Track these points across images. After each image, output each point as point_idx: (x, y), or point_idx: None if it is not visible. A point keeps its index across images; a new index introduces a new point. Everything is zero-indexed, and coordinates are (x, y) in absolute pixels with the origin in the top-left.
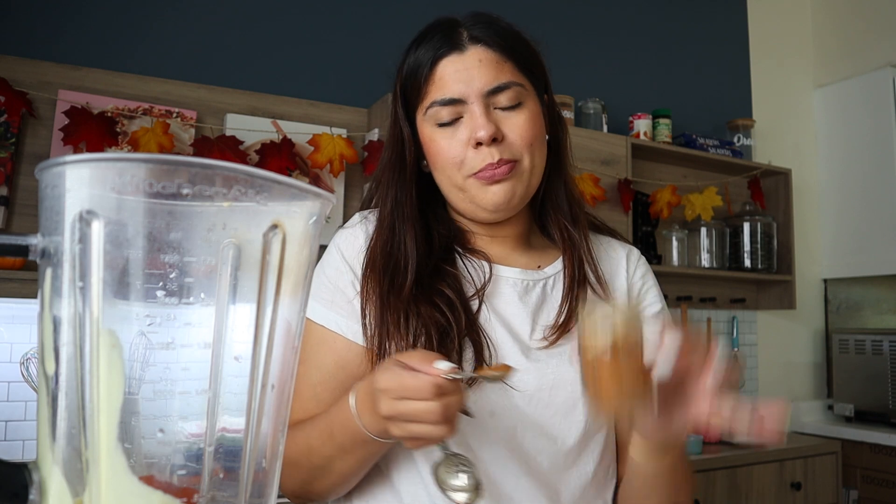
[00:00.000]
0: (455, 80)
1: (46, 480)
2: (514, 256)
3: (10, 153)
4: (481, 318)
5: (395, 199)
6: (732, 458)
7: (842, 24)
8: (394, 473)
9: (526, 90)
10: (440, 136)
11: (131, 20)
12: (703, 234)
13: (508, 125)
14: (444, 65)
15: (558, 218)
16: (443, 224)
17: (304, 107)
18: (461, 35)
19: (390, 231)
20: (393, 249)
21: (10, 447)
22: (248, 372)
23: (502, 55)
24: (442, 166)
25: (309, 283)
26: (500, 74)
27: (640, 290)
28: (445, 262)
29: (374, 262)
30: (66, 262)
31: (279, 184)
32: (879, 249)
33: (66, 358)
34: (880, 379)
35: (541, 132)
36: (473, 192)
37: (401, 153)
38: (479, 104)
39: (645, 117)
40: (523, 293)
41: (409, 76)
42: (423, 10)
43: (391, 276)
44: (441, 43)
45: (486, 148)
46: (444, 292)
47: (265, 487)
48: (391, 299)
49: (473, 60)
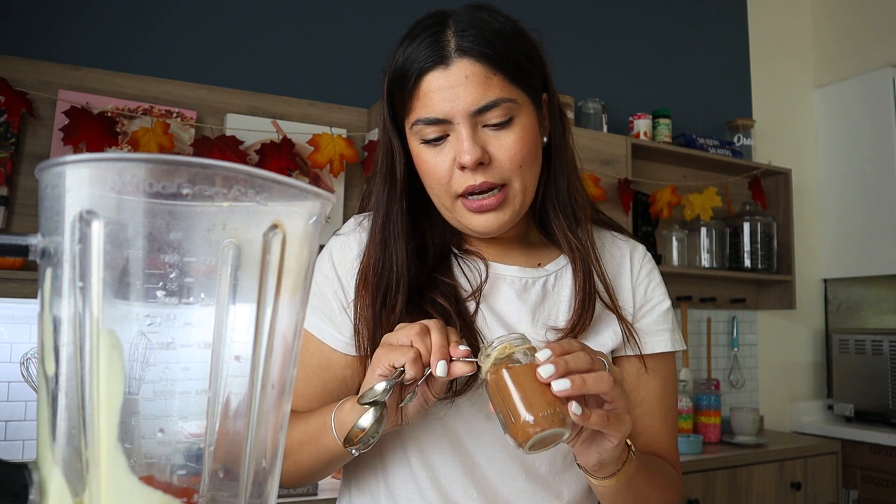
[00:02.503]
0: (440, 98)
1: (46, 480)
2: (512, 255)
3: (10, 153)
4: (478, 320)
5: (386, 215)
6: (732, 458)
7: (842, 24)
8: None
9: (517, 104)
10: (426, 154)
11: (131, 20)
12: (703, 234)
13: (496, 145)
14: (428, 80)
15: (560, 221)
16: (437, 229)
17: (304, 107)
18: (448, 44)
19: (382, 248)
20: (384, 270)
21: (10, 447)
22: (248, 372)
23: (491, 68)
24: (430, 184)
25: (309, 283)
26: (487, 91)
27: (646, 288)
28: (440, 270)
29: (367, 280)
30: (66, 262)
31: (279, 184)
32: (879, 249)
33: (66, 358)
34: (880, 379)
35: (533, 148)
36: (460, 215)
37: (391, 166)
38: (466, 125)
39: (645, 117)
40: (522, 290)
41: (394, 82)
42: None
43: (383, 295)
44: (427, 53)
45: (471, 172)
46: (437, 301)
47: (265, 487)
48: (382, 318)
49: (459, 77)
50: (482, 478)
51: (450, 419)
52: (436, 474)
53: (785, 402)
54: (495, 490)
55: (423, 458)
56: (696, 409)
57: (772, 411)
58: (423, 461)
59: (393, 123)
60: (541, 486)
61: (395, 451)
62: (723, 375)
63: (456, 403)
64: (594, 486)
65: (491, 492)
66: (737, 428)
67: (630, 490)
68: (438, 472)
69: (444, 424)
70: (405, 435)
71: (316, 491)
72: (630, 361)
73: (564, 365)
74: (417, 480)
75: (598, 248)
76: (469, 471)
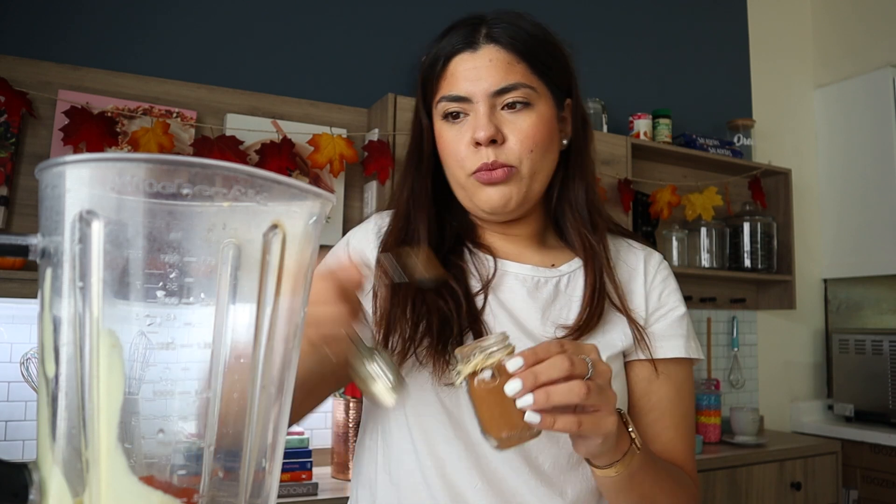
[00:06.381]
0: (464, 77)
1: (46, 480)
2: (527, 254)
3: (10, 153)
4: (486, 311)
5: (412, 189)
6: (732, 458)
7: (842, 24)
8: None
9: (536, 93)
10: (446, 131)
11: (131, 20)
12: (703, 234)
13: (511, 128)
14: (456, 62)
15: (578, 225)
16: (456, 217)
17: (304, 107)
18: (479, 33)
19: (405, 219)
20: (407, 237)
21: (10, 447)
22: (248, 372)
23: (515, 56)
24: (447, 162)
25: (309, 284)
26: (508, 75)
27: (660, 293)
28: (454, 254)
29: (388, 247)
30: (66, 262)
31: (279, 184)
32: (879, 249)
33: (67, 358)
34: (880, 379)
35: (546, 137)
36: (472, 190)
37: (419, 143)
38: (485, 104)
39: (645, 117)
40: (533, 289)
41: (427, 68)
42: (424, 10)
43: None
44: (458, 40)
45: (484, 148)
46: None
47: (265, 487)
48: (402, 285)
49: (484, 60)
50: (488, 469)
51: (457, 409)
52: (441, 464)
53: (785, 402)
54: (500, 483)
55: (430, 447)
56: (696, 409)
57: (772, 411)
58: (429, 450)
59: (424, 105)
60: (544, 483)
61: (401, 440)
62: (723, 375)
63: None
64: (596, 476)
65: (496, 484)
66: (737, 428)
67: (634, 486)
68: (444, 462)
69: (451, 414)
70: (411, 424)
71: (316, 491)
72: (642, 366)
73: (533, 379)
74: (423, 469)
75: (613, 254)
76: (475, 462)
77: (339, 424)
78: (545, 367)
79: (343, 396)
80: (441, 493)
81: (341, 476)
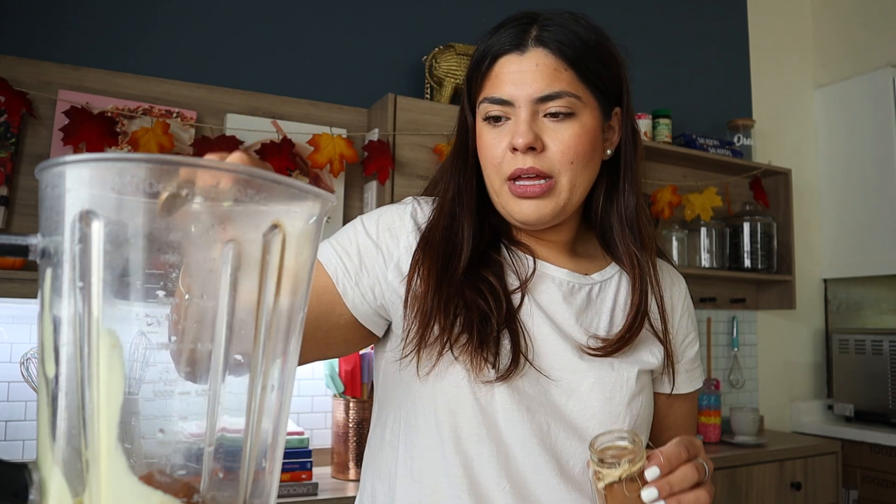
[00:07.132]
0: (509, 81)
1: (46, 480)
2: (560, 260)
3: (10, 153)
4: (523, 311)
5: (458, 187)
6: (732, 458)
7: (842, 24)
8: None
9: (582, 102)
10: (487, 133)
11: (131, 20)
12: (703, 234)
13: (552, 136)
14: (502, 63)
15: (628, 242)
16: (495, 215)
17: (304, 107)
18: (529, 34)
19: (450, 217)
20: (451, 234)
21: (10, 447)
22: (248, 372)
23: (563, 62)
24: (484, 164)
25: (309, 284)
26: (554, 82)
27: (686, 324)
28: (492, 251)
29: (432, 242)
30: (66, 262)
31: (279, 184)
32: (879, 249)
33: (66, 358)
34: (880, 379)
35: (588, 148)
36: (505, 199)
37: (464, 141)
38: (526, 110)
39: (645, 117)
40: (568, 294)
41: (475, 65)
42: (424, 10)
43: (447, 257)
44: (507, 40)
45: (521, 154)
46: (488, 279)
47: (265, 487)
48: (443, 280)
49: (531, 64)
50: (516, 471)
51: (490, 407)
52: (469, 462)
53: (785, 402)
54: (528, 485)
55: (458, 444)
56: (697, 410)
57: (772, 411)
58: (457, 448)
59: (469, 103)
60: (574, 488)
61: (427, 436)
62: (723, 375)
63: (496, 391)
64: None
65: (524, 487)
66: (737, 428)
67: None
68: (472, 460)
69: (485, 412)
70: (441, 419)
71: (316, 491)
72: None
73: (668, 489)
74: (448, 467)
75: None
76: (504, 462)
77: (339, 424)
78: (678, 479)
79: (343, 396)
80: (465, 492)
81: (341, 476)
